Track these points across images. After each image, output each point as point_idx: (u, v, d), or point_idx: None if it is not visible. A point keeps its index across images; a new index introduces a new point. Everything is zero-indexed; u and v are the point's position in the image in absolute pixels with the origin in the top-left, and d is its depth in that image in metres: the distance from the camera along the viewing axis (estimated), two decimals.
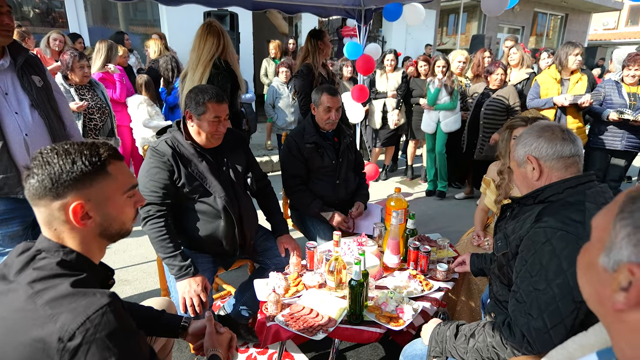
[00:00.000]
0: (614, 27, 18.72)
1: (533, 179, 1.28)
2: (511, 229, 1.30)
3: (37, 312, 0.82)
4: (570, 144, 1.22)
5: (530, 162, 1.27)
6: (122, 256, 3.22)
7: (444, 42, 12.70)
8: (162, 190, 1.84)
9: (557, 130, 1.24)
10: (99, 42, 3.88)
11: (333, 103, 2.41)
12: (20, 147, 1.81)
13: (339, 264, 1.78)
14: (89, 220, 0.94)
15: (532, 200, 1.28)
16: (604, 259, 0.55)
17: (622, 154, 3.55)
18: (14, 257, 0.94)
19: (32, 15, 6.49)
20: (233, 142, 2.11)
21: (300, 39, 8.77)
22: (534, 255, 1.14)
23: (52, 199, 0.90)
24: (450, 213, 4.32)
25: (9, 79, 1.81)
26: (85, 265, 0.96)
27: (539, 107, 3.72)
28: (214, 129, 1.89)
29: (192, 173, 1.90)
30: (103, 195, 0.96)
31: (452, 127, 4.43)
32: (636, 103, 3.36)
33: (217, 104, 1.87)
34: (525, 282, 1.15)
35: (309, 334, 1.54)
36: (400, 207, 2.16)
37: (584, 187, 1.19)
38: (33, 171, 0.90)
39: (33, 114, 1.85)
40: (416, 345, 1.49)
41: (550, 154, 1.23)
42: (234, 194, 2.03)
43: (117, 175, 0.98)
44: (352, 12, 3.95)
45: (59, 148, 0.93)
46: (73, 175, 0.90)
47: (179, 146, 1.91)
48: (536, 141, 1.25)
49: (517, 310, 1.16)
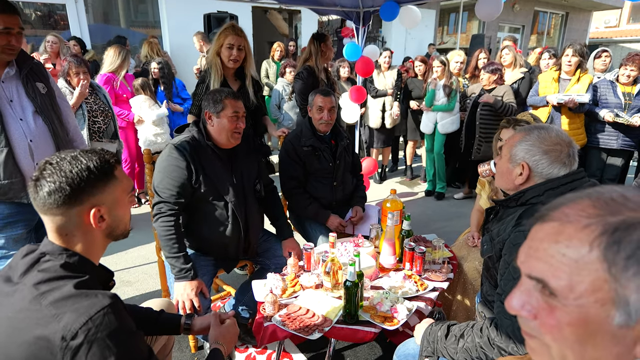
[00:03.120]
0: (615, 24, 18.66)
1: (515, 182, 1.30)
2: (496, 231, 1.33)
3: (42, 312, 0.86)
4: (567, 169, 1.23)
5: (522, 168, 1.27)
6: (123, 257, 3.27)
7: (444, 42, 12.69)
8: (177, 189, 1.87)
9: (564, 153, 1.23)
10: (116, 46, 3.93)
11: (325, 103, 2.44)
12: (25, 153, 1.86)
13: (335, 265, 1.81)
14: (103, 222, 1.01)
15: (514, 203, 1.30)
16: (620, 319, 0.47)
17: (619, 153, 3.57)
18: (18, 259, 0.98)
19: (33, 17, 6.54)
20: (247, 148, 2.15)
21: (300, 40, 8.79)
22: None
23: (70, 207, 0.95)
24: (449, 213, 4.35)
25: (14, 86, 1.86)
26: (87, 267, 1.00)
27: (536, 104, 3.74)
28: (233, 125, 1.95)
29: (208, 175, 1.94)
30: (113, 198, 1.03)
31: (449, 129, 4.44)
32: (631, 102, 3.38)
33: (234, 100, 1.97)
34: (509, 284, 1.18)
35: (305, 333, 1.57)
36: (396, 208, 2.19)
37: (565, 188, 1.20)
38: (46, 180, 0.94)
39: (37, 121, 1.90)
40: (409, 344, 1.52)
41: (545, 174, 1.24)
42: (243, 199, 2.06)
43: (122, 179, 1.05)
44: (350, 14, 3.96)
45: (67, 157, 0.97)
46: (90, 182, 0.97)
47: (198, 146, 1.94)
48: (539, 154, 1.24)
49: (502, 312, 1.19)
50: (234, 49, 2.49)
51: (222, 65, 2.55)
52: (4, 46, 1.77)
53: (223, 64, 2.55)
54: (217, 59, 2.52)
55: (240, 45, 2.51)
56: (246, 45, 2.56)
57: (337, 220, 2.45)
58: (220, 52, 2.52)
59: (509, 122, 2.21)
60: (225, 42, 2.48)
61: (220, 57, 2.53)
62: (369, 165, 4.12)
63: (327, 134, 2.57)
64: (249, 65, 2.63)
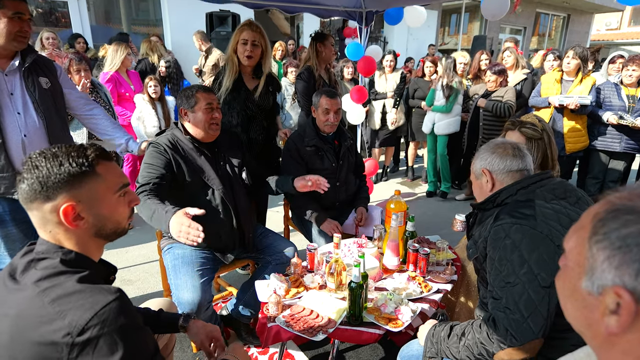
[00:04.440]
0: (616, 27, 18.66)
1: (487, 190, 1.41)
2: (478, 234, 1.37)
3: (45, 310, 0.85)
4: (519, 160, 1.36)
5: (485, 175, 1.39)
6: (124, 256, 3.25)
7: (445, 42, 12.69)
8: (157, 172, 1.87)
9: (508, 148, 1.38)
10: (114, 44, 3.91)
11: (331, 105, 2.43)
12: (17, 147, 1.82)
13: (339, 265, 1.80)
14: (82, 221, 0.96)
15: (491, 205, 1.38)
16: (586, 284, 0.55)
17: (621, 156, 3.56)
18: (18, 257, 0.97)
19: (35, 15, 6.53)
20: (229, 140, 2.19)
21: (302, 40, 8.79)
22: (499, 252, 1.23)
23: (42, 202, 0.93)
24: (451, 214, 4.28)
25: (18, 79, 1.83)
26: (87, 263, 0.99)
27: (538, 105, 3.74)
28: (209, 116, 1.97)
29: (191, 167, 1.96)
30: (94, 196, 0.97)
31: (445, 130, 4.40)
32: (635, 105, 3.37)
33: (205, 93, 1.98)
34: (497, 278, 1.23)
35: (309, 334, 1.56)
36: (399, 209, 2.18)
37: (534, 187, 1.31)
38: (23, 176, 0.93)
39: (34, 116, 1.87)
40: (413, 346, 1.52)
41: (501, 168, 1.37)
42: (231, 187, 2.09)
43: (106, 176, 0.99)
44: (353, 14, 3.96)
45: (47, 152, 0.95)
46: (61, 177, 0.92)
47: (178, 141, 1.98)
48: (490, 156, 1.39)
49: (496, 307, 1.22)
50: (248, 44, 2.42)
51: (238, 63, 2.50)
52: (17, 33, 1.73)
53: (240, 62, 2.50)
54: (234, 56, 2.47)
55: (255, 41, 2.43)
56: (262, 41, 2.47)
57: (331, 225, 2.41)
58: (236, 49, 2.47)
59: (514, 124, 2.19)
60: (240, 37, 2.43)
61: (237, 55, 2.48)
62: (370, 166, 4.12)
63: (330, 135, 2.56)
64: (266, 62, 2.55)
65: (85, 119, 2.20)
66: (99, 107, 2.23)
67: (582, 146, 3.65)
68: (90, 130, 2.40)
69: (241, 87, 2.50)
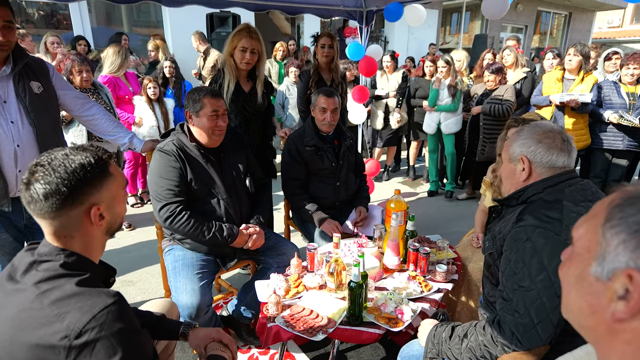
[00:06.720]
0: (618, 25, 18.59)
1: (520, 179, 1.30)
2: (498, 229, 1.32)
3: (44, 312, 0.85)
4: (566, 155, 1.24)
5: (522, 162, 1.28)
6: (125, 257, 3.26)
7: (446, 42, 12.65)
8: (177, 189, 1.89)
9: (557, 139, 1.24)
10: (112, 46, 3.91)
11: (328, 104, 2.43)
12: (9, 158, 1.74)
13: (339, 265, 1.80)
14: (103, 220, 0.99)
15: (515, 201, 1.31)
16: (596, 269, 0.54)
17: (624, 154, 3.54)
18: (19, 259, 0.97)
19: (36, 17, 6.55)
20: (235, 142, 2.16)
21: (302, 40, 8.78)
22: (517, 254, 1.17)
23: (70, 208, 0.93)
24: (452, 214, 4.33)
25: (11, 86, 1.75)
26: (88, 265, 0.99)
27: (539, 104, 3.72)
28: (213, 124, 1.94)
29: (198, 174, 1.95)
30: (111, 195, 1.00)
31: (452, 129, 4.42)
32: (635, 102, 3.35)
33: (212, 98, 1.95)
34: (510, 280, 1.18)
35: (309, 335, 1.56)
36: (400, 209, 2.17)
37: (563, 185, 1.21)
38: (40, 183, 0.89)
39: (24, 123, 1.77)
40: (413, 346, 1.51)
41: (545, 162, 1.24)
42: (236, 195, 2.08)
43: (116, 174, 1.03)
44: (353, 13, 3.96)
45: (57, 156, 0.94)
46: (87, 180, 0.94)
47: (184, 147, 1.96)
48: (535, 145, 1.26)
49: (504, 308, 1.18)
50: (247, 52, 2.40)
51: (235, 66, 2.48)
52: None
53: (236, 65, 2.48)
54: (231, 60, 2.46)
55: (253, 49, 2.42)
56: (259, 47, 2.47)
57: (331, 225, 2.40)
58: (233, 54, 2.44)
59: (517, 121, 2.18)
60: (239, 44, 2.41)
61: (234, 59, 2.46)
62: (371, 167, 4.11)
63: (330, 134, 2.56)
64: (261, 66, 2.55)
65: (85, 120, 2.13)
66: (97, 106, 2.15)
67: (583, 145, 3.63)
68: (91, 131, 2.38)
69: (239, 90, 2.50)
